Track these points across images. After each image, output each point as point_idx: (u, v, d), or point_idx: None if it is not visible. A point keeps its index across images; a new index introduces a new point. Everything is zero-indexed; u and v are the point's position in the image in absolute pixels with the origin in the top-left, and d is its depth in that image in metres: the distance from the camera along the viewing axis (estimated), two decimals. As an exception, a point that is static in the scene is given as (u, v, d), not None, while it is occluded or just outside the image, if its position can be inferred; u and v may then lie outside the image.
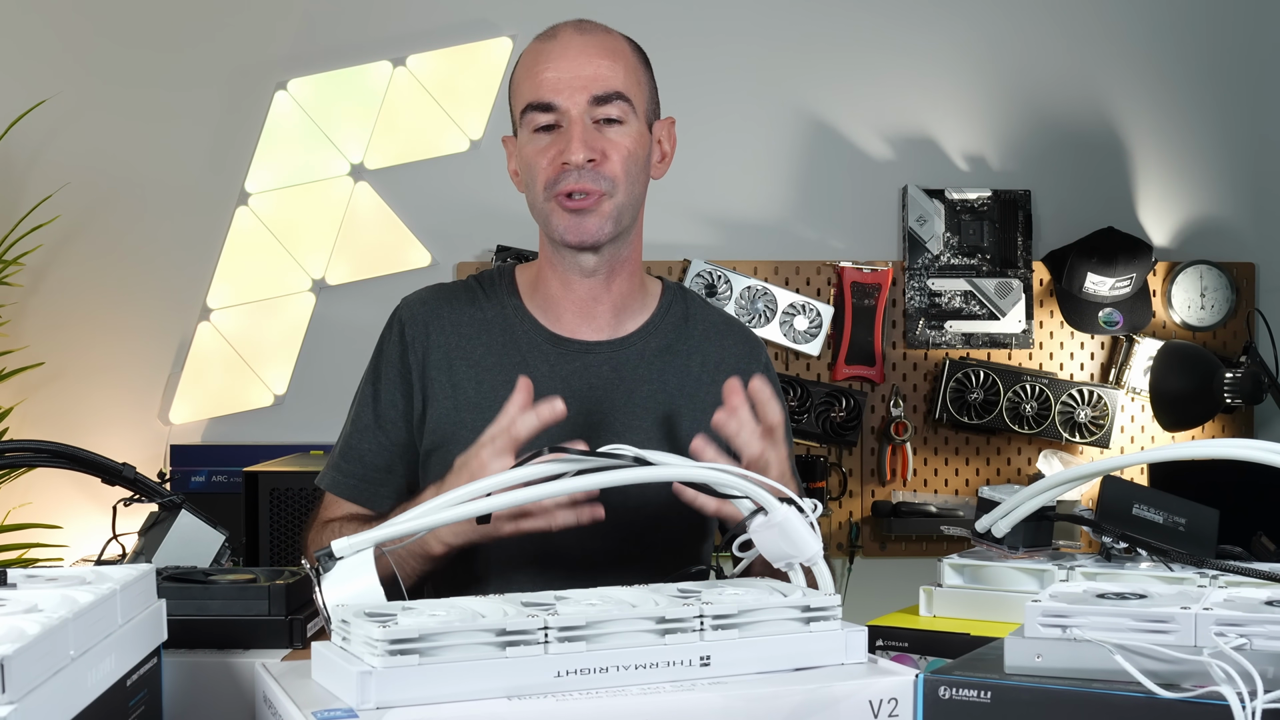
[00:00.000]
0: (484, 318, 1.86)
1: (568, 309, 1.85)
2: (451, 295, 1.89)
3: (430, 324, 1.85)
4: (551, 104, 1.75)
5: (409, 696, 0.98)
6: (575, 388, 1.81)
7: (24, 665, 0.85)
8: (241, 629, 1.29)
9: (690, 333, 1.89)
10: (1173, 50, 3.96)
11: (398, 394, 1.84)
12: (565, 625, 1.03)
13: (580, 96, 1.74)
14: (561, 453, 1.21)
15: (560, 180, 1.75)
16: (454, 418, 1.80)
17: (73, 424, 3.65)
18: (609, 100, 1.75)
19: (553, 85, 1.75)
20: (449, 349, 1.83)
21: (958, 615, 1.45)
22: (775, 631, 1.10)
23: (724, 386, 1.64)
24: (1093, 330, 3.80)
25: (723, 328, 1.93)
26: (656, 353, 1.86)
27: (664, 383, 1.85)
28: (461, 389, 1.81)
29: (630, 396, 1.82)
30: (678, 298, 1.93)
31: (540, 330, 1.85)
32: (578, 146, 1.73)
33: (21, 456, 1.54)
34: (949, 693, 1.02)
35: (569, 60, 1.76)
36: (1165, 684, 0.97)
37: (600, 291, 1.84)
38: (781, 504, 1.19)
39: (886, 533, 3.75)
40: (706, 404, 1.84)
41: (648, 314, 1.89)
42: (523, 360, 1.82)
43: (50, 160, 3.66)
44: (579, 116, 1.74)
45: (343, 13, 3.76)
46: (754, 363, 1.91)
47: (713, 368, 1.88)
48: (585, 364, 1.83)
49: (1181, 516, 1.47)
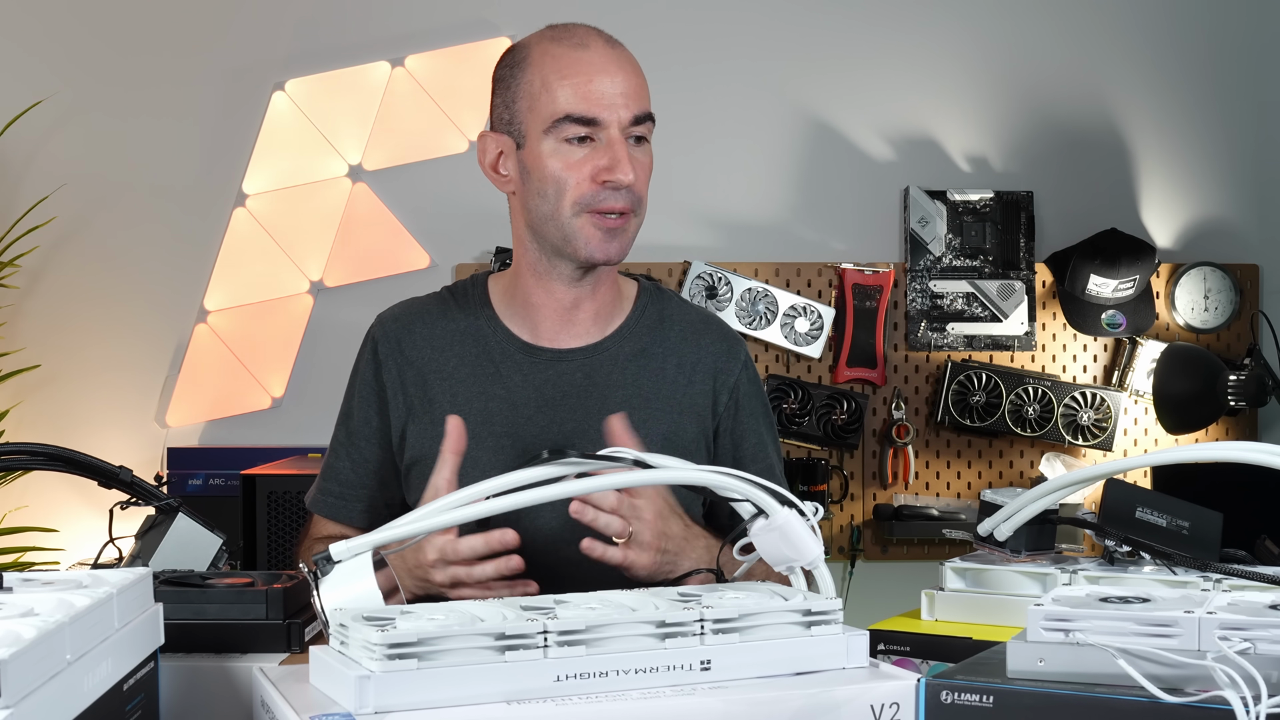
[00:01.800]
0: (456, 329, 1.85)
1: (547, 316, 1.84)
2: (424, 309, 1.88)
3: (403, 339, 1.85)
4: (598, 119, 1.72)
5: (407, 701, 0.98)
6: (549, 396, 1.81)
7: (20, 670, 0.85)
8: (239, 633, 1.29)
9: (666, 334, 1.88)
10: (1176, 50, 3.96)
11: (372, 412, 1.85)
12: (565, 629, 1.03)
13: (625, 114, 1.73)
14: (562, 456, 1.20)
15: (599, 198, 1.73)
16: (431, 431, 1.79)
17: (69, 426, 3.64)
18: (644, 120, 1.75)
19: (600, 100, 1.72)
20: (422, 364, 1.84)
21: (960, 619, 1.45)
22: (776, 635, 1.10)
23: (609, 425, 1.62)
24: (1095, 332, 3.80)
25: (700, 327, 1.91)
26: (630, 357, 1.85)
27: (638, 387, 1.83)
28: (436, 402, 1.81)
29: (604, 402, 1.81)
30: (653, 299, 1.91)
31: (513, 340, 1.84)
32: (628, 168, 1.72)
33: (17, 459, 1.53)
34: (951, 697, 1.02)
35: (610, 76, 1.73)
36: (1168, 688, 0.97)
37: (585, 300, 1.84)
38: (782, 507, 1.19)
39: (888, 536, 3.75)
40: (682, 406, 1.84)
41: (622, 317, 1.88)
42: (495, 370, 1.82)
43: (47, 161, 3.66)
44: (620, 135, 1.73)
45: (340, 13, 3.76)
46: (732, 361, 1.89)
47: (689, 369, 1.86)
48: (558, 372, 1.82)
49: (1185, 520, 1.47)
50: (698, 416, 1.85)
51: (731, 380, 1.88)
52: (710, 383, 1.86)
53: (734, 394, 1.87)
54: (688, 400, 1.85)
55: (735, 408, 1.87)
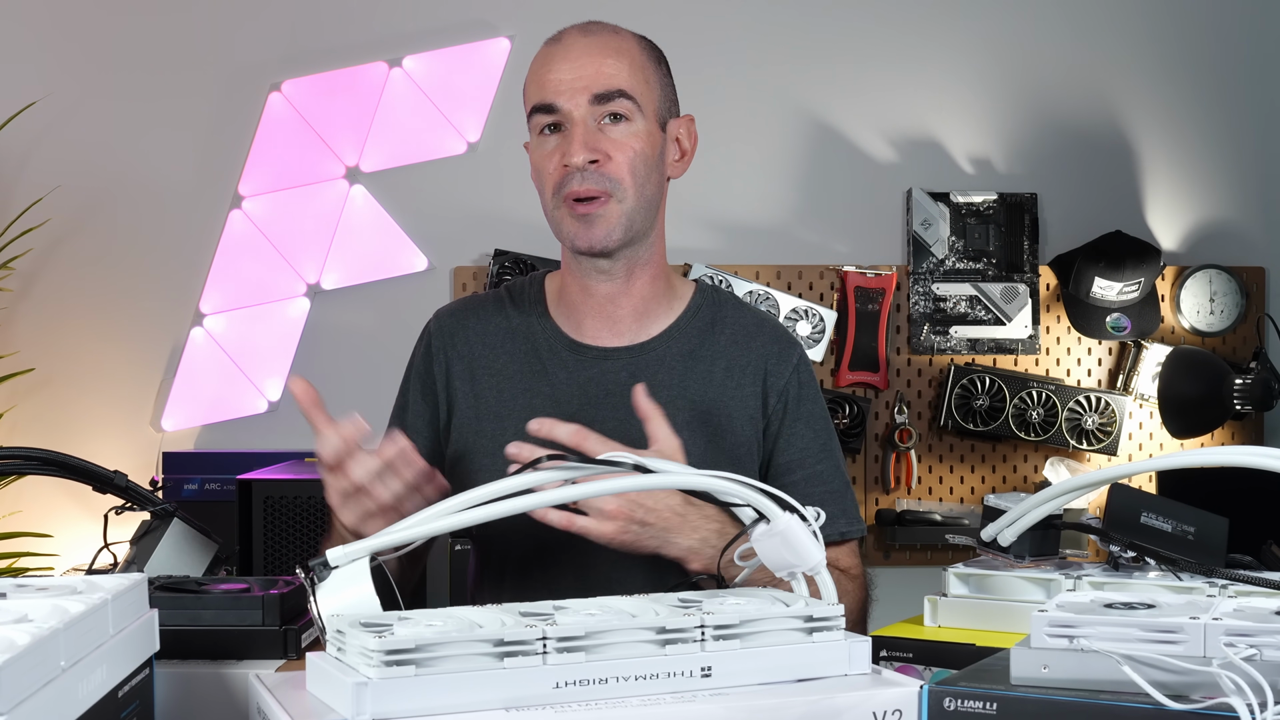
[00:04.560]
0: (510, 327, 1.87)
1: (589, 314, 1.84)
2: (480, 306, 1.91)
3: (456, 334, 1.87)
4: (554, 105, 1.74)
5: (405, 708, 0.98)
6: (592, 394, 1.81)
7: (14, 676, 0.85)
8: (235, 639, 1.29)
9: (717, 337, 1.87)
10: (1181, 51, 3.95)
11: (422, 403, 1.87)
12: (564, 635, 1.03)
13: (581, 97, 1.74)
14: (561, 459, 1.20)
15: (565, 183, 1.74)
16: (475, 427, 1.82)
17: (63, 431, 3.63)
18: (611, 98, 1.74)
19: (555, 87, 1.74)
20: (473, 359, 1.85)
21: (963, 625, 1.45)
22: (777, 642, 1.09)
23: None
24: (1100, 335, 3.79)
25: (753, 329, 1.89)
26: (678, 358, 1.84)
27: (684, 389, 1.82)
28: (483, 398, 1.83)
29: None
30: (708, 300, 1.90)
31: (560, 337, 1.85)
32: (578, 147, 1.72)
33: (11, 464, 1.53)
34: (954, 704, 1.01)
35: (571, 61, 1.75)
36: (1174, 695, 0.96)
37: (620, 295, 1.83)
38: (784, 512, 1.18)
39: (890, 541, 3.74)
40: (730, 410, 1.82)
41: (673, 317, 1.87)
42: (542, 368, 1.83)
43: (41, 163, 3.65)
44: (581, 118, 1.74)
45: (338, 12, 3.75)
46: (783, 364, 1.86)
47: (738, 373, 1.84)
48: (603, 370, 1.82)
49: (1190, 525, 1.47)
50: (749, 420, 1.83)
51: (781, 383, 1.85)
52: (760, 384, 1.84)
53: (783, 397, 1.85)
54: (737, 403, 1.83)
55: (784, 412, 1.85)
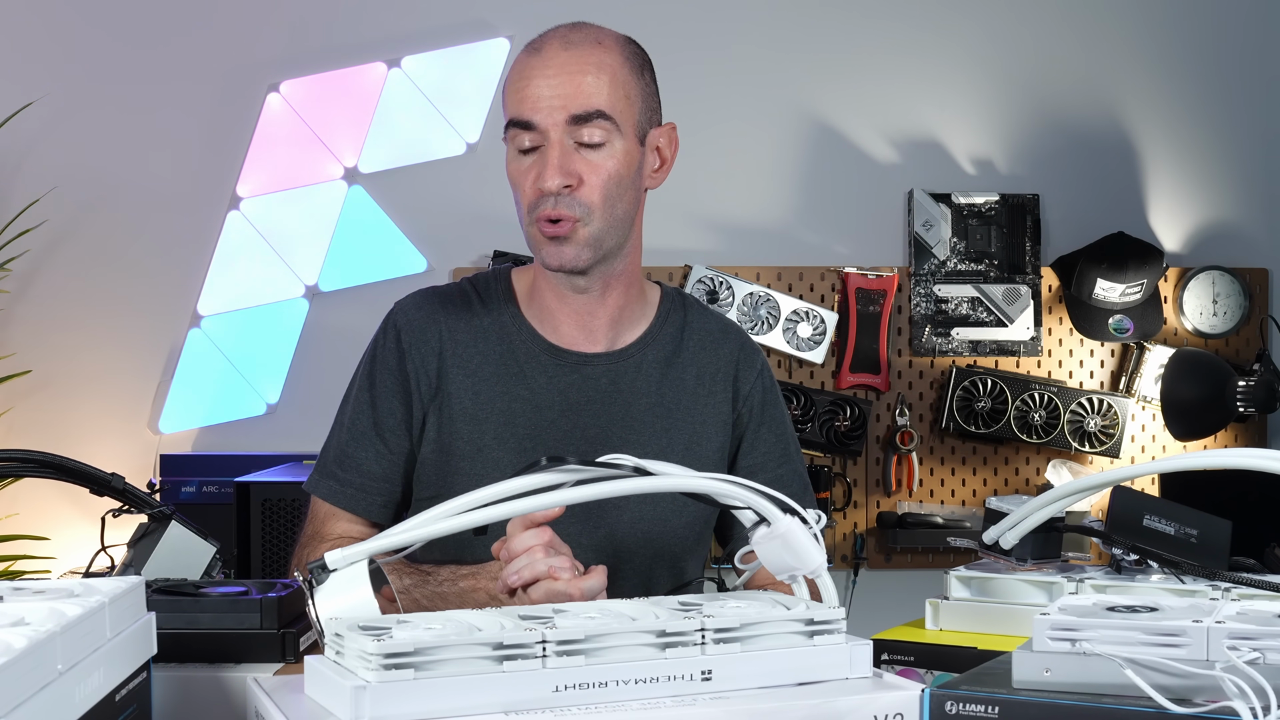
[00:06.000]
0: (481, 325, 1.83)
1: (565, 320, 1.82)
2: (447, 300, 1.85)
3: (427, 330, 1.82)
4: (530, 122, 1.71)
5: (404, 712, 0.98)
6: (573, 400, 1.80)
7: (10, 680, 0.85)
8: (233, 643, 1.28)
9: (686, 343, 1.87)
10: (1183, 52, 3.95)
11: (396, 401, 1.81)
12: (563, 639, 1.02)
13: (559, 116, 1.70)
14: (560, 463, 1.19)
15: (539, 205, 1.72)
16: (449, 428, 1.78)
17: (60, 433, 3.62)
18: (589, 120, 1.71)
19: (532, 103, 1.71)
20: (445, 356, 1.81)
21: (964, 628, 1.46)
22: (778, 645, 1.09)
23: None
24: (1102, 337, 3.79)
25: (718, 335, 1.90)
26: (654, 364, 1.84)
27: (661, 395, 1.83)
28: (457, 398, 1.79)
29: (628, 410, 1.81)
30: (676, 305, 1.90)
31: (538, 340, 1.82)
32: (552, 172, 1.70)
33: (8, 466, 1.53)
34: (956, 708, 1.01)
35: (548, 78, 1.71)
36: (1177, 699, 0.96)
37: (595, 306, 1.82)
38: (785, 515, 1.18)
39: (892, 544, 3.74)
40: (704, 416, 1.84)
41: (646, 323, 1.87)
42: (520, 371, 1.81)
43: (37, 164, 3.65)
44: (558, 139, 1.71)
45: (336, 13, 3.75)
46: (748, 369, 1.89)
47: (708, 379, 1.86)
48: (583, 376, 1.81)
49: (1193, 528, 1.46)
50: (720, 426, 1.85)
51: (746, 389, 1.88)
52: (730, 390, 1.87)
53: (749, 402, 1.88)
54: (709, 410, 1.85)
55: (749, 417, 1.88)
